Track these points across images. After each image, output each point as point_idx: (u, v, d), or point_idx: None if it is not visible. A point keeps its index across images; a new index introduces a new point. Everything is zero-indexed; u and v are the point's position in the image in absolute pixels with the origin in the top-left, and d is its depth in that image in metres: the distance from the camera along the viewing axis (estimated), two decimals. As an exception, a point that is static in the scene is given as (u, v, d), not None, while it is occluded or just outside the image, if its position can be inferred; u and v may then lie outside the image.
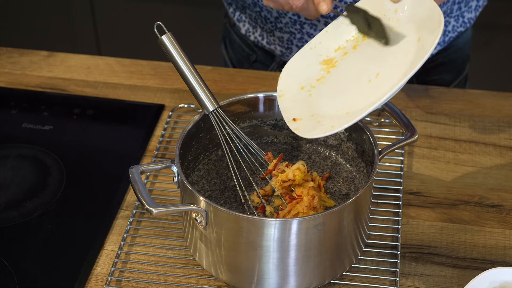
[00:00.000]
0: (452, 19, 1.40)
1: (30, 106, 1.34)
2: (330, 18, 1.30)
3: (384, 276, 1.05)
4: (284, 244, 0.96)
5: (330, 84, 1.06)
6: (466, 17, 1.43)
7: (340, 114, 1.00)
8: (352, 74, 1.05)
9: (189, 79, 1.06)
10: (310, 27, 1.34)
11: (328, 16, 1.30)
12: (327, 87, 1.06)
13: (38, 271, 1.06)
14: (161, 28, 1.06)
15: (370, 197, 1.04)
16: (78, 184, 1.19)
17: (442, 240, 1.11)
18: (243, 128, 1.15)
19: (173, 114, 1.31)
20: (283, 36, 1.39)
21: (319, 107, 1.03)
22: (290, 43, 1.39)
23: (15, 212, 1.15)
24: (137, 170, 1.00)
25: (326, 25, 1.32)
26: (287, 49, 1.41)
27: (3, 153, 1.25)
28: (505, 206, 1.16)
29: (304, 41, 1.37)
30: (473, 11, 1.44)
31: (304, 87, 1.07)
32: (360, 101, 0.99)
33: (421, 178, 1.20)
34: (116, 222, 1.13)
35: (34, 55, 1.45)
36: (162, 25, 1.06)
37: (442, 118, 1.31)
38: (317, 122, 1.01)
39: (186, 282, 1.05)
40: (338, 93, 1.04)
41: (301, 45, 1.38)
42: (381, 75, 1.01)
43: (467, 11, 1.42)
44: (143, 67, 1.43)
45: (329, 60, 1.08)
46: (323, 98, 1.04)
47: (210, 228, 0.98)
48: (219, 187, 1.11)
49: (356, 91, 1.02)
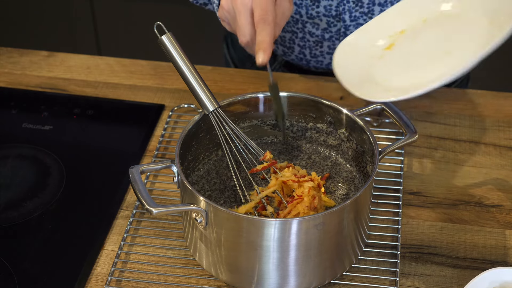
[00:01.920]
0: None
1: (30, 106, 1.34)
2: (332, 17, 1.30)
3: (384, 276, 1.05)
4: (284, 244, 0.96)
5: (396, 55, 1.07)
6: None
7: (408, 84, 1.00)
8: (419, 48, 1.06)
9: (189, 79, 1.06)
10: (312, 26, 1.34)
11: (330, 15, 1.30)
12: (393, 57, 1.06)
13: (38, 271, 1.06)
14: (161, 28, 1.06)
15: (370, 197, 1.04)
16: (78, 184, 1.19)
17: (442, 240, 1.11)
18: (243, 128, 1.15)
19: (173, 114, 1.31)
20: (284, 35, 1.39)
21: (385, 76, 1.04)
22: (292, 42, 1.39)
23: (15, 212, 1.15)
24: (137, 170, 1.00)
25: (328, 24, 1.32)
26: (289, 49, 1.41)
27: (3, 153, 1.25)
28: (505, 206, 1.16)
29: (306, 40, 1.37)
30: None
31: (369, 56, 1.08)
32: (429, 74, 0.99)
33: (421, 178, 1.20)
34: (116, 222, 1.13)
35: (34, 55, 1.45)
36: (162, 25, 1.06)
37: (442, 118, 1.31)
38: (384, 89, 1.01)
39: (186, 282, 1.05)
40: (406, 65, 1.04)
41: (303, 44, 1.38)
42: (451, 51, 1.02)
43: None
44: (143, 67, 1.43)
45: (395, 33, 1.10)
46: (389, 68, 1.05)
47: (210, 228, 0.98)
48: (219, 187, 1.11)
49: (424, 64, 1.03)
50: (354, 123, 1.09)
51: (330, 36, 1.35)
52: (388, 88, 1.02)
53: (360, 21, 1.31)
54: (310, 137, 1.16)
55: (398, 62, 1.07)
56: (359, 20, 1.31)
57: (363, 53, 1.10)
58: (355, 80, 1.05)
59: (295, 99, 1.13)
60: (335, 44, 1.36)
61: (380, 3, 1.28)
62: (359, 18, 1.30)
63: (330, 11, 1.30)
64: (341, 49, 1.10)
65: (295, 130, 1.16)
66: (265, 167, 1.07)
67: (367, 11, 1.29)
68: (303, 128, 1.16)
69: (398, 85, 1.02)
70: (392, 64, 1.07)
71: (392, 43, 1.10)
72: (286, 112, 1.14)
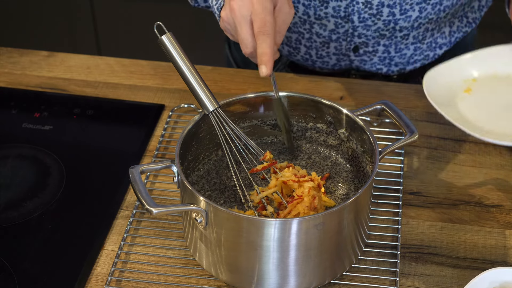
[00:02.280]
0: (456, 20, 1.41)
1: (30, 106, 1.34)
2: (340, 18, 1.30)
3: (384, 276, 1.05)
4: (284, 244, 0.96)
5: (476, 100, 1.24)
6: (470, 17, 1.43)
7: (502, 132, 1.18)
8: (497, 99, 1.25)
9: (189, 79, 1.06)
10: (320, 27, 1.34)
11: (338, 16, 1.30)
12: (474, 102, 1.24)
13: (38, 271, 1.06)
14: (161, 28, 1.06)
15: (370, 197, 1.04)
16: (78, 184, 1.19)
17: (442, 240, 1.11)
18: (243, 128, 1.15)
19: (173, 114, 1.31)
20: (291, 36, 1.39)
21: (473, 117, 1.21)
22: (298, 43, 1.39)
23: (15, 212, 1.15)
24: (137, 170, 1.00)
25: (335, 25, 1.32)
26: (295, 49, 1.41)
27: (3, 153, 1.25)
28: (505, 206, 1.16)
29: (313, 41, 1.37)
30: (476, 11, 1.44)
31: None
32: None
33: (421, 178, 1.20)
34: (116, 222, 1.13)
35: (34, 55, 1.45)
36: (162, 25, 1.06)
37: (442, 118, 1.31)
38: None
39: (186, 282, 1.05)
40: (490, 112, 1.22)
41: (309, 45, 1.38)
42: None
43: (470, 11, 1.43)
44: (143, 67, 1.43)
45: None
46: (474, 110, 1.22)
47: (210, 228, 0.98)
48: (219, 187, 1.11)
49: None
50: (354, 123, 1.09)
51: (337, 37, 1.35)
52: (489, 131, 1.18)
53: (369, 22, 1.31)
54: (310, 137, 1.16)
55: (480, 107, 1.23)
56: (367, 21, 1.31)
57: (448, 87, 1.25)
58: (444, 101, 1.21)
59: (295, 99, 1.13)
60: (342, 45, 1.36)
61: (389, 5, 1.28)
62: (367, 20, 1.31)
63: (339, 12, 1.30)
64: (429, 75, 1.25)
65: (295, 130, 1.16)
66: (265, 167, 1.07)
67: (375, 12, 1.29)
68: (303, 128, 1.16)
69: (492, 129, 1.18)
70: (475, 107, 1.23)
71: (469, 88, 1.26)
72: (290, 126, 1.14)
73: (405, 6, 1.29)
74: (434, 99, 1.20)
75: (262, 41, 1.03)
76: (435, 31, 1.39)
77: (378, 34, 1.34)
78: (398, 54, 1.39)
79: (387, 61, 1.40)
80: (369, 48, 1.37)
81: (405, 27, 1.33)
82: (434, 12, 1.32)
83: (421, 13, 1.31)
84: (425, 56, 1.42)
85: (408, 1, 1.29)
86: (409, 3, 1.29)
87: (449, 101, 1.23)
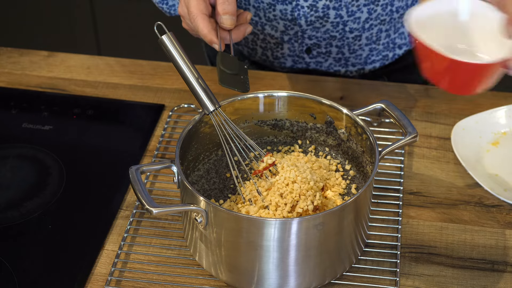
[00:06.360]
0: None
1: (30, 106, 1.34)
2: (288, 21, 1.31)
3: (384, 276, 1.05)
4: (284, 244, 0.96)
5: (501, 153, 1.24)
6: None
7: None
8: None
9: (189, 79, 1.06)
10: (271, 28, 1.35)
11: (286, 19, 1.30)
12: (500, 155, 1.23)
13: (38, 271, 1.06)
14: (161, 28, 1.06)
15: (370, 197, 1.04)
16: (78, 184, 1.19)
17: (442, 240, 1.11)
18: (243, 128, 1.15)
19: (173, 114, 1.31)
20: (247, 36, 1.40)
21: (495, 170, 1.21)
22: (254, 44, 1.42)
23: (15, 212, 1.15)
24: (137, 170, 1.00)
25: (285, 27, 1.33)
26: (252, 50, 1.43)
27: (3, 153, 1.25)
28: (505, 206, 1.16)
29: (267, 42, 1.38)
30: None
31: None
32: None
33: (421, 178, 1.20)
34: (116, 222, 1.13)
35: (34, 55, 1.45)
36: (162, 25, 1.06)
37: (442, 118, 1.31)
38: None
39: (186, 282, 1.05)
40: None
41: (264, 46, 1.39)
42: None
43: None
44: (143, 67, 1.43)
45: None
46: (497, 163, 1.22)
47: (210, 228, 0.98)
48: (219, 187, 1.11)
49: None
50: (354, 123, 1.09)
51: (289, 38, 1.36)
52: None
53: (317, 24, 1.31)
54: (310, 137, 1.16)
55: (505, 159, 1.22)
56: (315, 24, 1.31)
57: (473, 142, 1.24)
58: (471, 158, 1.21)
59: (295, 99, 1.13)
60: (295, 47, 1.37)
61: (335, 7, 1.29)
62: (315, 22, 1.31)
63: (285, 15, 1.31)
64: (455, 131, 1.24)
65: (295, 130, 1.16)
66: (266, 168, 1.07)
67: (322, 15, 1.30)
68: (303, 128, 1.16)
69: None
70: (499, 161, 1.22)
71: (497, 141, 1.24)
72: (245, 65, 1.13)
73: (351, 8, 1.29)
74: (460, 154, 1.20)
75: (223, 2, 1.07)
76: (391, 32, 1.39)
77: (328, 36, 1.34)
78: (353, 55, 1.39)
79: (343, 62, 1.40)
80: (322, 49, 1.37)
81: (356, 29, 1.33)
82: (386, 13, 1.32)
83: (370, 14, 1.31)
84: (384, 56, 1.42)
85: (354, 3, 1.29)
86: (356, 5, 1.29)
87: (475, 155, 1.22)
